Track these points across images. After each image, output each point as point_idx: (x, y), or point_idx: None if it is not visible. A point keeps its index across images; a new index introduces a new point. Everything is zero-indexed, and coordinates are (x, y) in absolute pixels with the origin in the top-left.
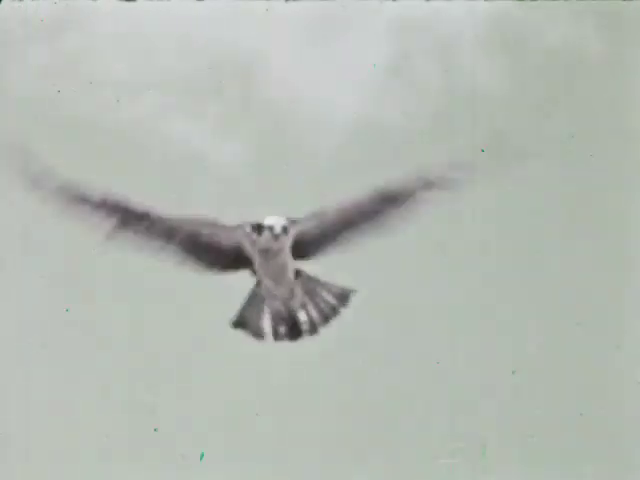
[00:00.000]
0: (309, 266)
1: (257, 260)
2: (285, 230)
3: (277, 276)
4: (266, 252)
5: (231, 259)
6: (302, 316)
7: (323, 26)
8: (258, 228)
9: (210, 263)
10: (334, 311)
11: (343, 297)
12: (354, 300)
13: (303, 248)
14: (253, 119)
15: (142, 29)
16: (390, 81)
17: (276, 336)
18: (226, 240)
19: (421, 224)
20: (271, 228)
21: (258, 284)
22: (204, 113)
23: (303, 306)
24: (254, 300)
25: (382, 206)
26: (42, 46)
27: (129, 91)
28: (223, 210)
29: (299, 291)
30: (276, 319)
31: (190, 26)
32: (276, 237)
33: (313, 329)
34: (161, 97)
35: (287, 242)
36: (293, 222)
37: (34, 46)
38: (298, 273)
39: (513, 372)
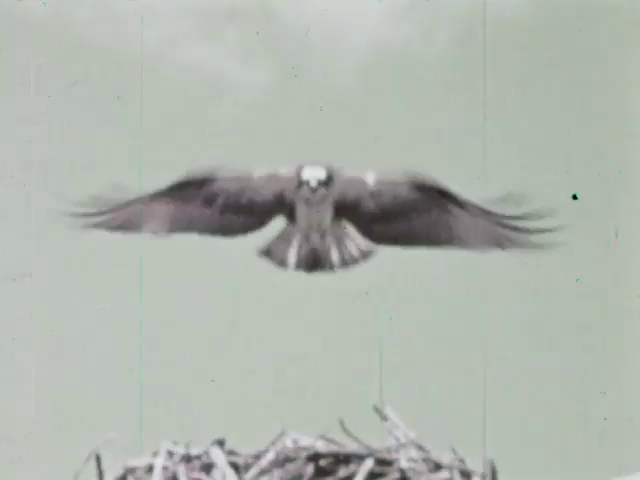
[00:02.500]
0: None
1: (298, 207)
2: (322, 183)
3: (314, 223)
4: (308, 202)
5: (269, 210)
6: (326, 255)
7: None
8: (299, 180)
9: (248, 222)
10: (354, 260)
11: (365, 254)
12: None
13: (344, 210)
14: (270, 43)
15: None
16: (409, 2)
17: (297, 267)
18: (268, 191)
19: None
20: (307, 182)
21: (292, 224)
22: (221, 37)
23: (329, 249)
24: (285, 235)
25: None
26: None
27: (148, 16)
28: (243, 134)
29: (330, 237)
30: (301, 253)
31: None
32: (313, 190)
33: (330, 268)
34: (178, 22)
35: (327, 194)
36: (331, 175)
37: None
38: (334, 222)
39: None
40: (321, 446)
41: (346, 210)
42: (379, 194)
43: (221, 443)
